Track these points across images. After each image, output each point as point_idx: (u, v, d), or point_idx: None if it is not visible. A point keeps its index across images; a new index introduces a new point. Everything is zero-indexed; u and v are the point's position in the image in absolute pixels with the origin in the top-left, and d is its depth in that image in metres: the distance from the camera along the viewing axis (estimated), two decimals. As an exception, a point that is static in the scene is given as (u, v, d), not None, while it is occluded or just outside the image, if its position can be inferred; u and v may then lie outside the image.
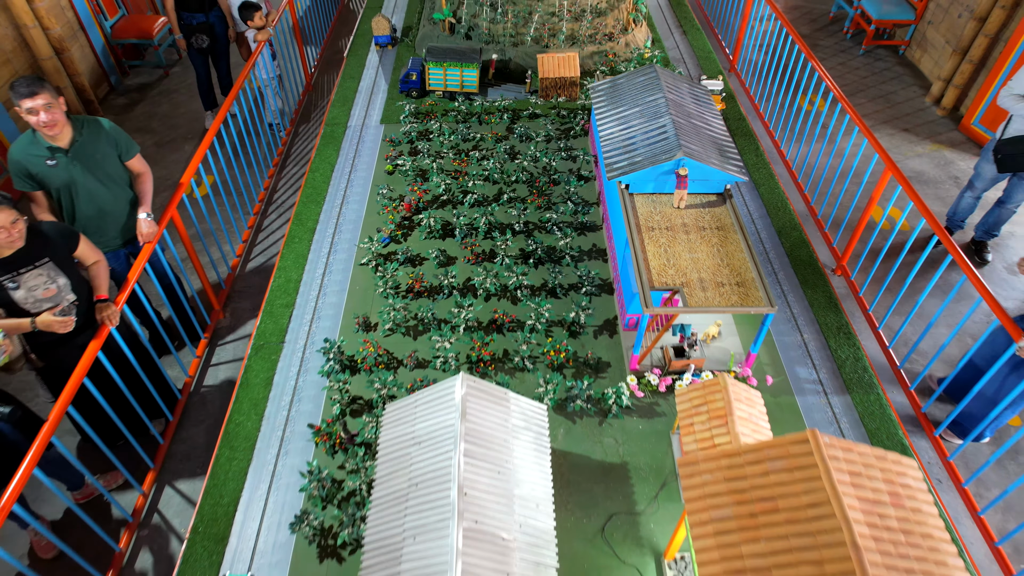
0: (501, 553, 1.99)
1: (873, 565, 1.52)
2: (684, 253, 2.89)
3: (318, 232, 3.68)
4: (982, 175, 4.41)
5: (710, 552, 1.69)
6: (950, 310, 4.17)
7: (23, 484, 2.33)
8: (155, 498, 3.25)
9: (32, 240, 2.67)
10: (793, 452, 1.75)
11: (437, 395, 2.34)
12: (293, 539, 2.42)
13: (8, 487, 2.30)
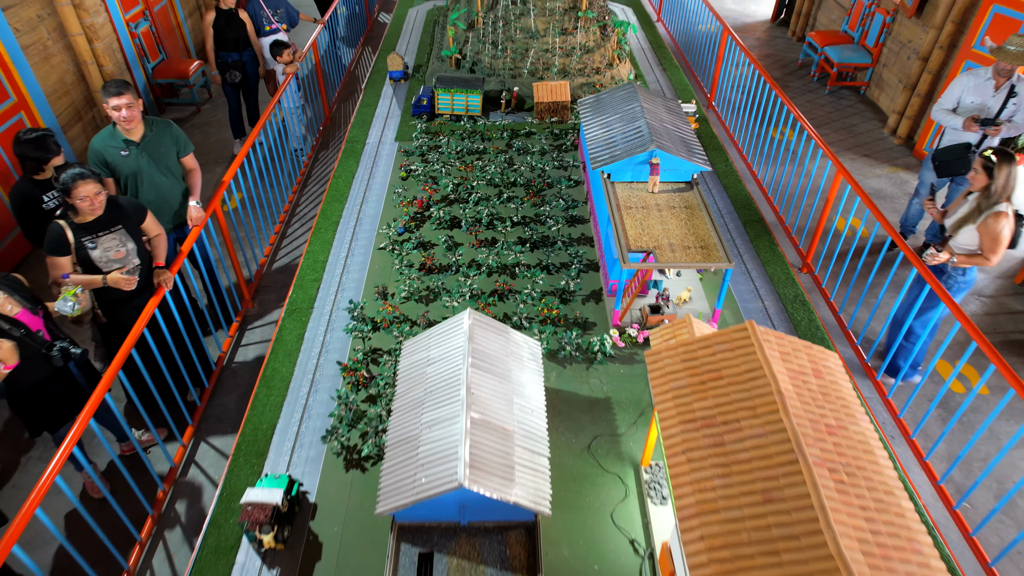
0: (503, 439, 2.39)
1: (794, 408, 1.94)
2: (657, 225, 3.39)
3: (341, 224, 4.19)
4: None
5: (669, 410, 2.10)
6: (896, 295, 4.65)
7: (82, 430, 2.68)
8: (192, 450, 3.63)
9: (110, 209, 3.17)
10: (735, 338, 2.19)
11: (448, 327, 2.78)
12: (323, 453, 2.81)
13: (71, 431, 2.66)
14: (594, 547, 2.49)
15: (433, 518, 2.34)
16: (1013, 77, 4.33)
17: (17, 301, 2.91)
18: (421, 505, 2.22)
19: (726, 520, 1.76)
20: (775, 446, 1.87)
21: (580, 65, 5.64)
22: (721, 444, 1.95)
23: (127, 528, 2.93)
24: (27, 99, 5.08)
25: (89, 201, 3.07)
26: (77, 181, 3.01)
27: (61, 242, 3.07)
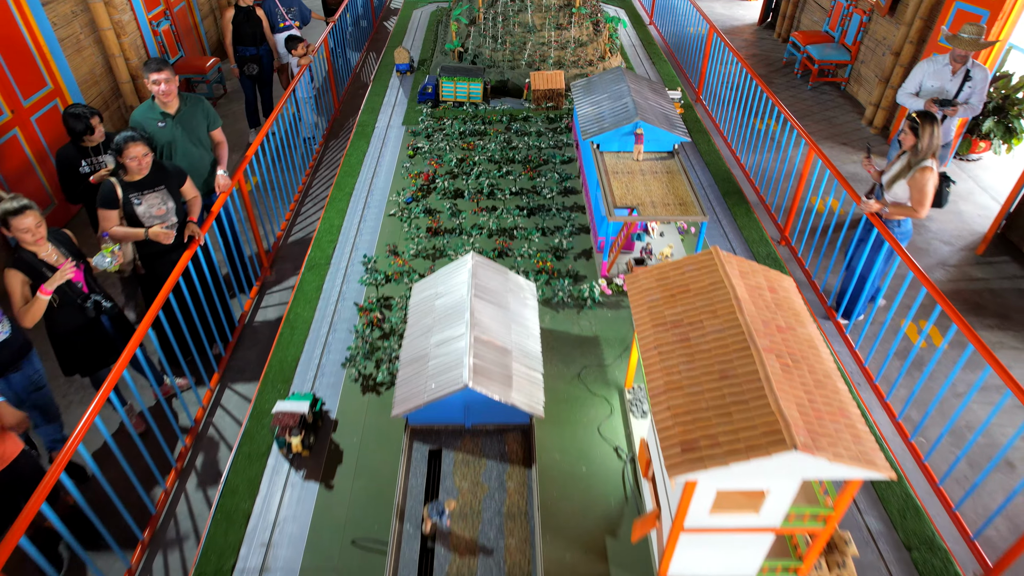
0: (502, 356, 2.72)
1: (748, 310, 2.28)
2: (640, 187, 3.74)
3: (354, 195, 4.54)
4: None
5: (643, 317, 2.44)
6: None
7: (123, 367, 2.97)
8: (219, 395, 3.96)
9: (155, 171, 3.53)
10: (701, 260, 2.53)
11: (453, 267, 3.12)
12: (342, 379, 3.14)
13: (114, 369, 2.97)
14: (582, 453, 2.82)
15: (441, 420, 2.66)
16: (968, 63, 4.70)
17: (63, 253, 3.26)
18: (431, 407, 2.55)
19: (688, 394, 2.09)
20: (731, 338, 2.21)
21: (574, 58, 6.02)
22: (686, 339, 2.28)
23: (160, 463, 3.27)
24: (62, 87, 5.45)
25: (137, 161, 3.43)
26: (128, 143, 3.38)
27: (112, 197, 3.43)
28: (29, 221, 2.99)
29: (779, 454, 1.81)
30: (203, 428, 3.76)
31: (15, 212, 2.98)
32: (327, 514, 2.60)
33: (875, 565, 2.47)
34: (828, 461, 1.85)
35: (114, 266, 3.53)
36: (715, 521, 2.14)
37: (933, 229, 5.59)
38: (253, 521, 2.59)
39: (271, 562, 2.45)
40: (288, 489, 2.70)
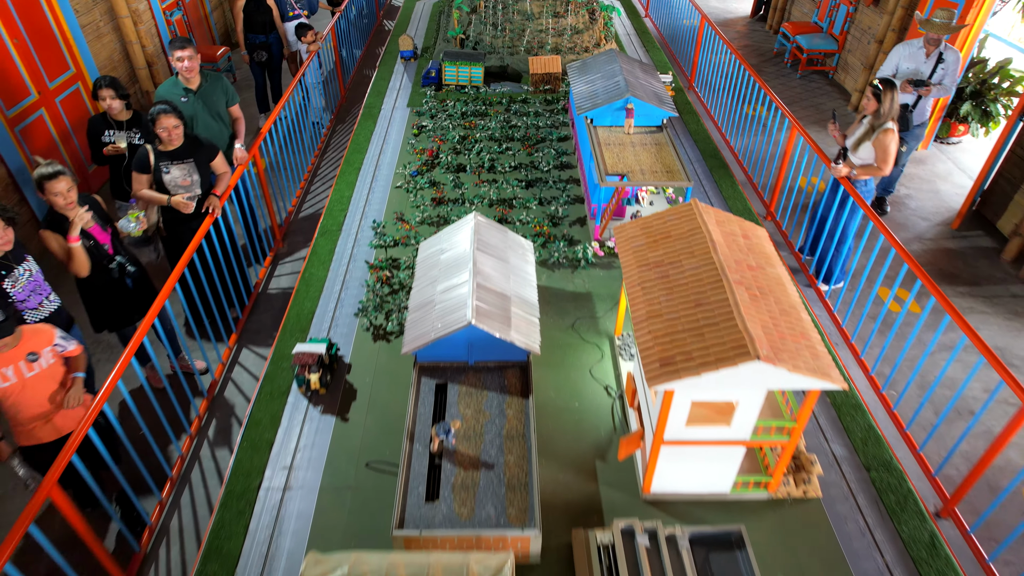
0: (502, 300, 2.97)
1: (723, 251, 2.53)
2: (630, 156, 3.99)
3: (362, 170, 4.79)
4: None
5: (629, 260, 2.69)
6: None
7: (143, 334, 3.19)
8: (236, 353, 4.22)
9: (188, 144, 3.79)
10: (682, 210, 2.79)
11: (457, 226, 3.37)
12: (355, 328, 3.39)
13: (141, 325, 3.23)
14: (575, 392, 3.07)
15: (446, 358, 2.92)
16: (940, 46, 4.95)
17: (92, 217, 3.50)
18: (437, 344, 2.80)
19: (667, 320, 2.35)
20: (706, 274, 2.46)
21: (570, 44, 6.27)
22: (667, 276, 2.54)
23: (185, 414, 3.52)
24: (83, 71, 5.70)
25: (168, 132, 3.68)
26: (160, 114, 3.64)
27: (144, 162, 3.69)
28: (62, 185, 3.24)
29: (744, 364, 2.06)
30: (222, 382, 4.02)
31: (50, 176, 3.23)
32: (343, 442, 2.85)
33: (837, 483, 2.72)
34: (788, 371, 2.10)
35: (138, 231, 3.78)
36: (691, 434, 2.39)
37: (912, 206, 5.84)
38: (276, 448, 2.84)
39: (293, 482, 2.71)
40: (307, 422, 2.95)
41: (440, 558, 2.05)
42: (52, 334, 2.99)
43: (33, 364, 2.89)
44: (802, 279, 4.80)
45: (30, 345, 2.89)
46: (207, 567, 2.43)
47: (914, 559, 2.45)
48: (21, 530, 2.34)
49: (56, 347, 2.99)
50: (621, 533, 2.41)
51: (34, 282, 3.26)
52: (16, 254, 3.20)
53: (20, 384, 2.85)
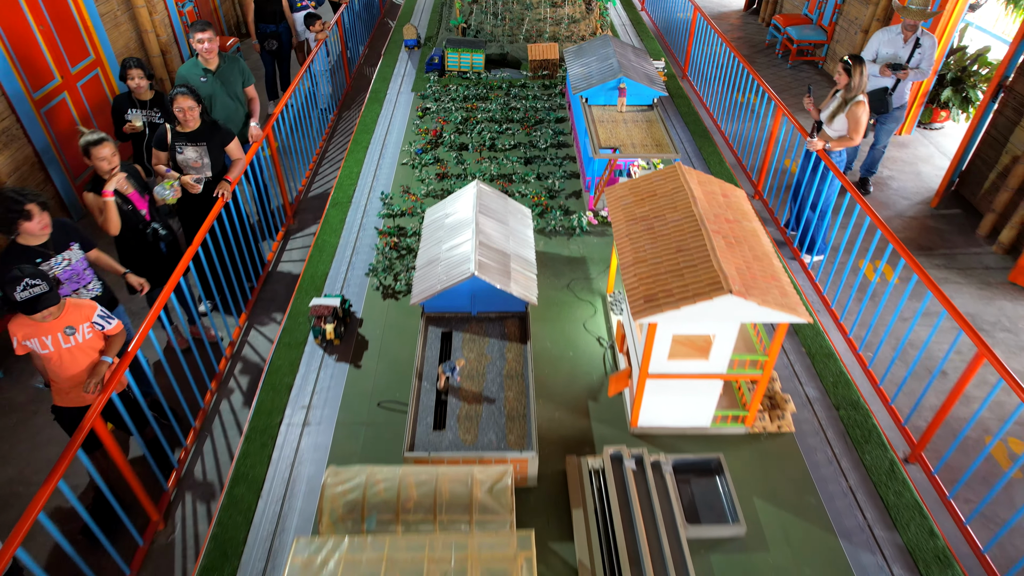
0: (502, 257, 3.21)
1: (702, 205, 2.76)
2: (623, 132, 4.23)
3: (370, 149, 5.02)
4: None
5: (618, 215, 2.93)
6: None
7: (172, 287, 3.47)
8: (252, 319, 4.46)
9: (204, 128, 4.00)
10: (667, 172, 3.02)
11: (460, 193, 3.60)
12: (366, 288, 3.63)
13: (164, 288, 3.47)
14: (570, 342, 3.31)
15: (451, 308, 3.15)
16: (918, 31, 5.19)
17: (131, 183, 3.74)
18: (443, 295, 3.03)
19: (651, 264, 2.59)
20: (687, 225, 2.70)
21: (568, 33, 6.51)
22: (651, 228, 2.77)
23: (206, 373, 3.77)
24: (102, 58, 5.93)
25: (183, 112, 3.91)
26: (178, 95, 3.87)
27: (162, 140, 3.92)
28: (106, 151, 3.47)
29: (719, 298, 2.30)
30: (239, 344, 4.26)
31: (95, 143, 3.47)
32: (356, 385, 3.09)
33: (809, 420, 2.96)
34: (758, 305, 2.35)
35: (172, 198, 3.98)
36: (673, 367, 2.63)
37: (894, 187, 6.08)
38: (295, 391, 3.08)
39: (311, 418, 2.95)
40: (323, 369, 3.19)
41: (446, 470, 2.29)
42: (92, 311, 3.07)
43: (70, 337, 2.99)
44: (787, 252, 5.04)
45: (69, 319, 2.99)
46: (235, 490, 2.67)
47: (875, 482, 2.70)
48: (69, 455, 2.58)
49: (95, 324, 3.06)
50: (610, 459, 2.65)
51: (72, 271, 3.35)
52: (59, 242, 3.31)
53: (57, 354, 2.97)
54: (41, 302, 2.80)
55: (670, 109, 5.85)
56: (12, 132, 4.80)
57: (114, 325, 3.14)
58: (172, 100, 3.91)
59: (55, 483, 2.49)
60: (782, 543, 2.48)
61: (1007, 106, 5.35)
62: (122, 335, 3.22)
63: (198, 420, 3.73)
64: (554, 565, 2.40)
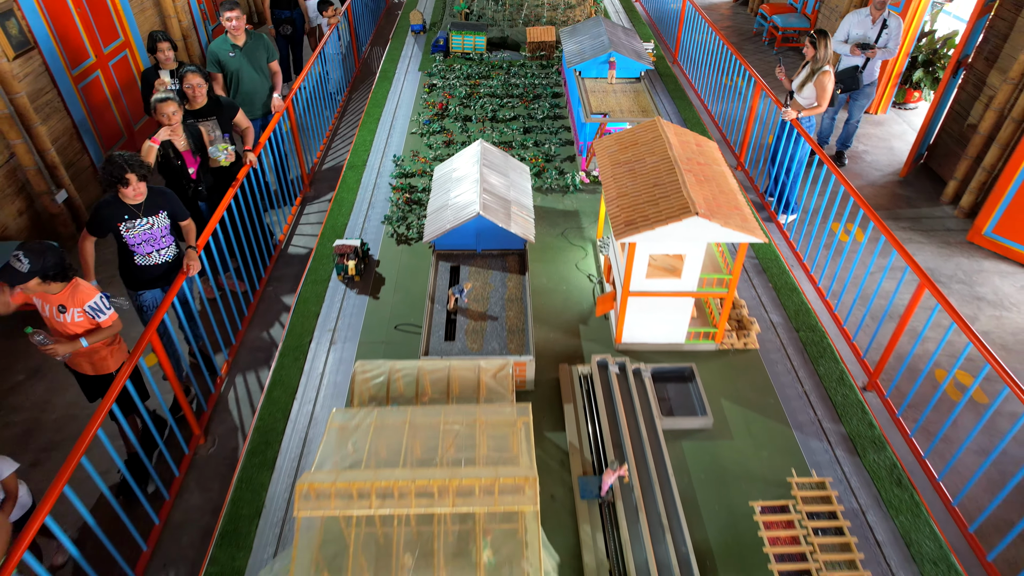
0: (503, 202, 3.60)
1: (677, 150, 3.16)
2: (612, 100, 4.63)
3: (381, 121, 5.42)
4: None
5: (604, 161, 3.32)
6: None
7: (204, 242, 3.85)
8: (276, 271, 4.86)
9: (211, 104, 4.34)
10: (647, 125, 3.41)
11: (465, 151, 4.00)
12: (381, 235, 4.03)
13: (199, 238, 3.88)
14: (563, 279, 3.71)
15: (458, 246, 3.55)
16: (885, 12, 5.59)
17: (188, 142, 4.11)
18: (451, 234, 3.43)
19: (631, 198, 2.98)
20: (663, 165, 3.10)
21: (564, 18, 6.90)
22: (632, 170, 3.17)
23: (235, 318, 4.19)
24: (130, 40, 6.33)
25: (192, 90, 4.27)
26: (187, 73, 4.24)
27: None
28: (170, 108, 3.85)
29: (687, 219, 2.70)
30: (264, 293, 4.67)
31: (161, 100, 3.85)
32: (375, 314, 3.49)
33: (772, 340, 3.36)
34: (720, 226, 2.75)
35: (225, 160, 4.32)
36: (651, 286, 3.03)
37: (868, 160, 6.48)
38: (321, 318, 3.48)
39: (337, 339, 3.35)
40: (345, 300, 3.59)
41: (457, 363, 2.69)
42: (89, 298, 3.07)
43: (60, 315, 3.05)
44: (765, 215, 5.44)
45: (64, 299, 3.03)
46: (273, 393, 3.07)
47: (826, 387, 3.10)
48: (131, 364, 2.98)
49: (87, 311, 3.07)
50: (597, 365, 3.06)
51: (149, 234, 3.52)
52: (150, 207, 3.48)
53: (50, 322, 3.11)
54: (6, 274, 2.90)
55: (660, 89, 6.25)
56: (54, 104, 5.19)
57: (107, 317, 3.14)
58: (182, 77, 4.23)
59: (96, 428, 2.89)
60: (744, 433, 2.88)
61: (968, 83, 5.74)
62: (114, 327, 3.19)
63: (231, 354, 4.13)
64: (549, 448, 2.81)
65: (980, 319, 4.57)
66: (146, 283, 3.65)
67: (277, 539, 2.50)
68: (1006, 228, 5.03)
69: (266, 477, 2.71)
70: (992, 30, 5.47)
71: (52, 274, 2.95)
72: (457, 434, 2.34)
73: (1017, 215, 4.94)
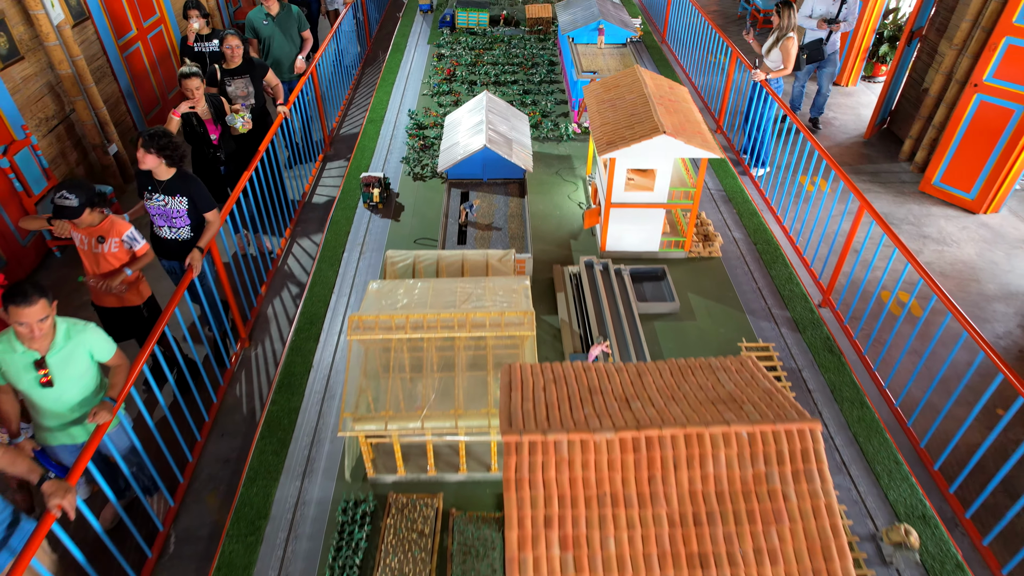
0: (506, 139, 4.18)
1: (650, 88, 3.74)
2: (601, 61, 5.21)
3: (395, 86, 6.00)
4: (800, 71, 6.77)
5: (591, 100, 3.90)
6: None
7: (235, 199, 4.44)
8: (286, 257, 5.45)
9: (246, 63, 4.92)
10: (628, 71, 3.99)
11: (472, 101, 4.58)
12: (400, 173, 4.62)
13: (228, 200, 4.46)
14: (556, 205, 4.29)
15: (467, 175, 4.12)
16: (843, -10, 6.18)
17: (210, 112, 4.68)
18: (462, 164, 4.01)
19: (612, 124, 3.56)
20: (639, 100, 3.68)
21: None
22: (614, 104, 3.75)
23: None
24: (165, 17, 6.90)
25: (231, 50, 4.84)
26: (227, 35, 4.82)
27: (212, 76, 4.87)
28: (194, 83, 4.41)
29: (656, 137, 3.28)
30: (293, 232, 5.25)
31: (187, 75, 4.40)
32: (397, 232, 4.07)
33: (733, 250, 3.94)
34: (684, 143, 3.33)
35: (242, 127, 4.91)
36: (629, 197, 3.61)
37: (836, 125, 7.06)
38: (352, 234, 4.06)
39: (365, 250, 3.93)
40: (371, 222, 4.17)
41: (468, 253, 3.27)
42: (124, 230, 3.37)
43: (99, 245, 3.32)
44: (740, 170, 6.01)
45: (103, 231, 3.32)
46: (313, 289, 3.65)
47: (776, 285, 3.68)
48: (182, 289, 3.54)
49: (123, 241, 3.37)
50: (584, 265, 3.64)
51: (163, 211, 3.71)
52: (171, 187, 3.65)
53: (89, 253, 3.37)
54: (61, 212, 3.17)
55: (647, 60, 6.82)
56: (104, 69, 5.77)
57: (141, 246, 3.44)
58: (223, 39, 4.82)
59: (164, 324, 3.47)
60: (705, 316, 3.46)
61: (923, 52, 6.32)
62: (149, 255, 3.52)
63: (268, 277, 4.72)
64: (544, 327, 3.39)
65: (924, 252, 5.15)
66: (161, 252, 3.89)
67: (324, 388, 3.08)
68: (952, 177, 5.61)
69: (313, 346, 3.29)
70: (942, 3, 6.05)
71: (96, 202, 3.27)
72: (470, 293, 2.92)
73: (960, 165, 5.52)
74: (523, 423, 1.77)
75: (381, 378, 2.55)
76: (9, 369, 2.57)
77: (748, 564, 1.60)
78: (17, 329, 2.48)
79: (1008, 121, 5.10)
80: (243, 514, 2.55)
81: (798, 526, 1.64)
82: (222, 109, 4.71)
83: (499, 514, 2.53)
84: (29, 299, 2.44)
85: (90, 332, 2.71)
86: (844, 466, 2.75)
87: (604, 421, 1.78)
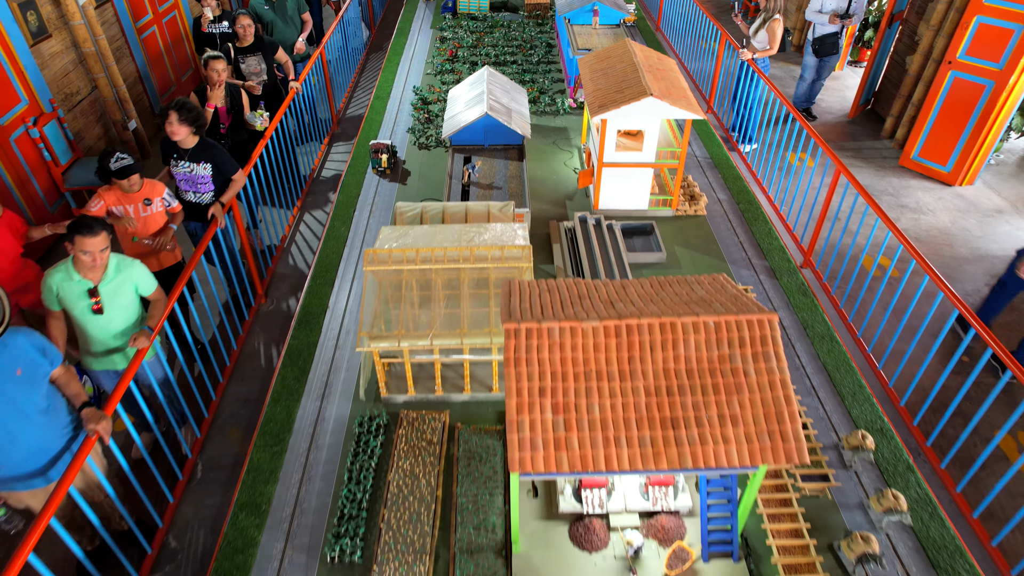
0: (506, 109, 4.44)
1: (639, 58, 4.01)
2: (595, 40, 5.48)
3: (400, 66, 6.26)
4: (807, 65, 6.96)
5: (586, 71, 4.17)
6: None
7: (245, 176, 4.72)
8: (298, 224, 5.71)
9: (257, 42, 5.18)
10: (619, 44, 4.25)
11: (474, 75, 4.84)
12: (406, 142, 4.89)
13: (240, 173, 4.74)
14: (553, 171, 4.56)
15: (470, 142, 4.39)
16: (855, -16, 6.42)
17: (226, 98, 4.92)
18: (464, 131, 4.28)
19: (604, 89, 3.83)
20: (629, 68, 3.95)
21: (557, -15, 7.74)
22: (606, 73, 4.02)
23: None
24: (179, 2, 7.17)
25: (244, 29, 5.11)
26: (239, 15, 5.09)
27: (227, 54, 5.14)
28: (220, 65, 4.64)
29: (644, 99, 3.55)
30: (297, 221, 5.52)
31: (214, 57, 4.64)
32: (404, 194, 4.34)
33: (719, 210, 4.21)
34: (670, 105, 3.59)
35: (260, 125, 5.13)
36: (620, 157, 3.88)
37: (823, 106, 7.32)
38: (362, 196, 4.32)
39: (376, 208, 4.20)
40: (380, 185, 4.44)
41: (471, 204, 3.54)
42: (163, 190, 3.63)
43: (147, 207, 3.57)
44: (729, 146, 6.28)
45: (147, 193, 3.57)
46: (328, 243, 3.92)
47: (757, 239, 3.95)
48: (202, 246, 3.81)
49: (164, 200, 3.64)
50: (578, 219, 3.91)
51: (189, 177, 3.95)
52: (196, 154, 3.88)
53: (141, 220, 3.58)
54: (128, 171, 3.39)
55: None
56: (123, 50, 6.03)
57: (175, 205, 3.73)
58: (235, 19, 5.09)
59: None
60: (690, 266, 3.73)
61: (904, 35, 6.59)
62: (180, 214, 3.81)
63: (282, 240, 4.98)
64: (540, 274, 3.66)
65: (902, 220, 5.43)
66: (188, 215, 4.10)
67: (340, 326, 3.35)
68: (929, 151, 5.88)
69: (328, 290, 3.56)
70: (922, -13, 6.32)
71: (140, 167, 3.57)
72: (473, 234, 3.19)
73: (936, 140, 5.79)
74: (520, 316, 2.04)
75: (393, 304, 2.82)
76: (67, 296, 2.84)
77: (713, 424, 1.88)
78: (80, 258, 2.76)
79: (980, 96, 5.37)
80: (268, 428, 2.82)
81: (756, 396, 1.91)
82: (239, 100, 4.92)
83: (500, 427, 2.80)
84: (94, 230, 2.73)
85: (136, 267, 2.99)
86: (813, 389, 3.02)
87: (591, 315, 2.05)
